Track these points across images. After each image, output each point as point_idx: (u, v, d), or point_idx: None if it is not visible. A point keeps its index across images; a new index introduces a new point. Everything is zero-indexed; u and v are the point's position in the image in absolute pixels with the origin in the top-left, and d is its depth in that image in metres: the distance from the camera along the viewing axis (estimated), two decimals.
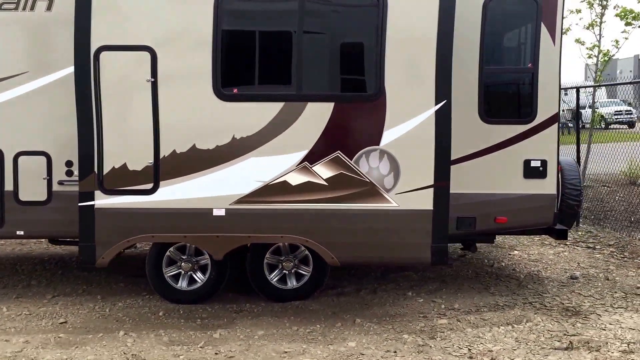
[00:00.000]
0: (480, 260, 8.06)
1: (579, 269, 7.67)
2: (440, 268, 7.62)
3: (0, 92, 5.95)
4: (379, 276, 7.33)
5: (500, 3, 6.16)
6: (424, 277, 7.31)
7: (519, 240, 9.12)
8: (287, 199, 5.48)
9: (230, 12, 5.46)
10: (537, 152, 6.21)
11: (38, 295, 6.66)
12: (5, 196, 6.09)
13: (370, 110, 5.44)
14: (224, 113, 5.43)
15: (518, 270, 7.60)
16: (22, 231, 6.08)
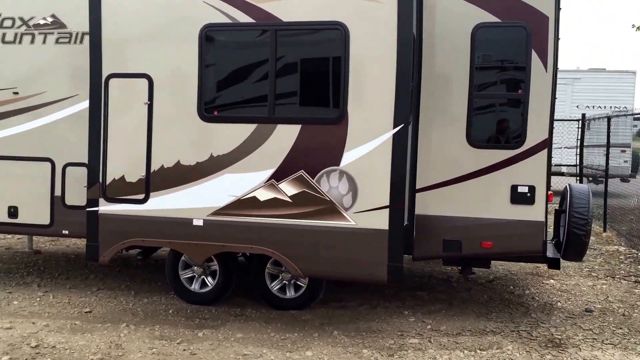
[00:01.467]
0: (504, 286, 7.96)
1: (604, 302, 7.33)
2: (455, 290, 7.67)
3: (56, 111, 7.08)
4: (390, 294, 7.54)
5: (489, 30, 6.24)
6: (433, 298, 7.42)
7: (564, 269, 8.80)
8: (256, 213, 6.00)
9: (211, 49, 6.13)
10: (525, 177, 6.19)
11: (87, 287, 7.71)
12: (55, 200, 7.20)
13: (332, 133, 5.82)
14: (205, 133, 6.09)
15: (537, 298, 7.44)
16: (67, 231, 7.13)
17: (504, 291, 7.70)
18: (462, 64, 6.28)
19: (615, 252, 10.09)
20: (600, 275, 8.61)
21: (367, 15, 5.64)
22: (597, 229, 12.05)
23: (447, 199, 6.42)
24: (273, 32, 5.85)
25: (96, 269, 8.48)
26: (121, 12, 6.19)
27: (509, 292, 7.70)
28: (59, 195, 7.15)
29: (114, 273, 8.37)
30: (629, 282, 8.33)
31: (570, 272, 8.80)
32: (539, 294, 7.68)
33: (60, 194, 7.13)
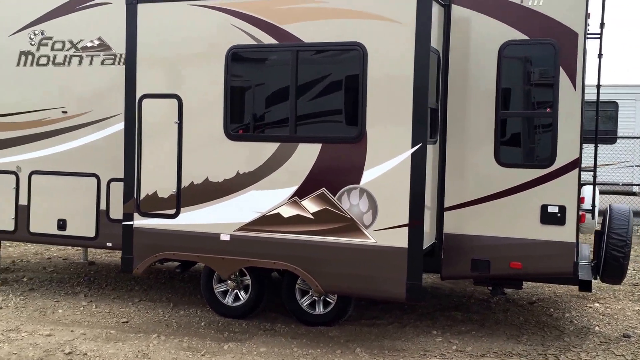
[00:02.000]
0: (545, 308, 7.79)
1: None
2: (491, 312, 7.56)
3: (101, 129, 7.45)
4: (424, 313, 7.52)
5: (517, 47, 6.20)
6: (467, 318, 7.35)
7: (613, 292, 8.53)
8: (280, 229, 6.13)
9: (237, 70, 6.33)
10: (555, 197, 6.09)
11: (130, 298, 8.02)
12: (100, 214, 7.56)
13: (352, 151, 5.90)
14: (231, 151, 6.28)
15: (575, 322, 7.25)
16: (111, 243, 7.46)
17: (542, 313, 7.54)
18: (489, 81, 6.25)
19: None
20: None
21: (385, 35, 5.71)
22: None
23: (475, 218, 6.38)
24: (294, 52, 6.00)
25: (142, 281, 8.79)
26: (154, 34, 6.47)
27: (548, 315, 7.53)
28: (103, 209, 7.48)
29: (158, 285, 8.66)
30: None
31: (620, 295, 8.52)
32: (578, 317, 7.47)
33: (105, 208, 7.47)
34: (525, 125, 6.38)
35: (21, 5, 7.73)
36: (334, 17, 5.90)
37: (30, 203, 7.76)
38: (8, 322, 6.96)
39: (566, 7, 6.02)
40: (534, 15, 6.13)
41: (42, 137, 7.70)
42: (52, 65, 7.62)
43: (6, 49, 7.79)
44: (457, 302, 8.00)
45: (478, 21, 6.30)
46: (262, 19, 6.10)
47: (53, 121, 7.63)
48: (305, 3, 5.98)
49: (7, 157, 7.80)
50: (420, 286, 5.73)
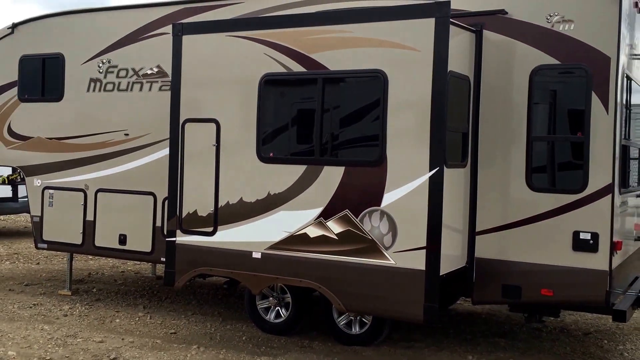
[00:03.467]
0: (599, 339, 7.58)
1: None
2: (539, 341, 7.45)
3: (158, 150, 7.99)
4: (466, 339, 7.49)
5: (548, 71, 6.17)
6: (510, 346, 7.26)
7: None
8: (306, 248, 6.36)
9: (269, 96, 6.64)
10: (587, 224, 6.00)
11: (184, 311, 8.47)
12: (156, 230, 8.08)
13: (373, 174, 6.05)
14: (263, 173, 6.59)
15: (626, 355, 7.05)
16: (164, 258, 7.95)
17: (593, 345, 7.33)
18: (520, 106, 6.25)
19: None
20: None
21: (404, 63, 5.85)
22: None
23: (507, 243, 6.36)
24: (321, 79, 6.24)
25: (199, 296, 9.24)
26: (196, 62, 6.90)
27: (598, 347, 7.30)
28: (159, 225, 7.98)
29: (213, 300, 9.07)
30: None
31: None
32: (631, 350, 7.21)
33: (160, 225, 7.96)
34: (557, 150, 6.30)
35: (91, 37, 8.42)
36: (357, 45, 6.10)
37: (96, 219, 8.39)
38: (69, 329, 7.55)
39: (597, 32, 5.94)
40: (565, 39, 6.08)
41: (107, 157, 8.33)
42: (117, 91, 8.25)
43: (78, 76, 8.50)
44: (506, 330, 7.89)
45: (509, 46, 6.31)
46: (292, 48, 6.39)
47: (116, 143, 8.23)
48: (331, 33, 6.22)
49: (77, 175, 8.48)
50: (437, 308, 5.78)
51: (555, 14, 6.09)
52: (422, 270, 5.82)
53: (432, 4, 5.82)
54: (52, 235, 8.74)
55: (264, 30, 6.53)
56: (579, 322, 8.27)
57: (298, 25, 6.38)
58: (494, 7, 6.33)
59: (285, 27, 6.44)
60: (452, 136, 6.17)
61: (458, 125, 6.31)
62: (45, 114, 8.75)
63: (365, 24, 6.08)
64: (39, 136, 8.81)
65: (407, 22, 5.87)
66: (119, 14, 8.33)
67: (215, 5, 7.67)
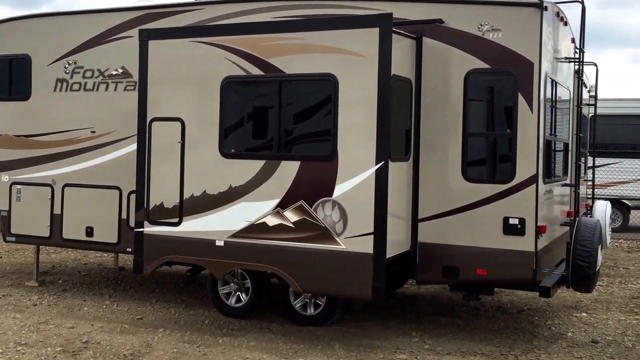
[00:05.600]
0: (531, 316, 8.32)
1: (619, 335, 7.54)
2: (476, 318, 8.16)
3: (123, 147, 8.47)
4: (411, 318, 8.19)
5: (480, 75, 6.91)
6: (450, 323, 7.97)
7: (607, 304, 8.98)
8: (266, 236, 6.98)
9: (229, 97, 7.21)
10: (515, 210, 6.74)
11: (148, 299, 8.96)
12: (121, 222, 8.57)
13: (326, 168, 6.70)
14: (225, 167, 7.18)
15: (553, 329, 7.75)
16: (131, 248, 8.45)
17: (525, 321, 8.07)
18: (456, 105, 6.97)
19: None
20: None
21: (353, 67, 6.51)
22: None
23: (446, 229, 7.07)
24: (278, 82, 6.87)
25: (162, 284, 9.76)
26: (162, 65, 7.43)
27: (530, 322, 8.06)
28: (124, 218, 8.48)
29: (176, 288, 9.60)
30: None
31: (613, 307, 8.91)
32: (559, 325, 7.97)
33: (126, 217, 8.46)
34: (489, 145, 7.05)
35: (58, 39, 8.85)
36: (310, 51, 6.74)
37: (63, 212, 8.84)
38: (40, 316, 8.00)
39: (522, 39, 6.70)
40: (495, 46, 6.82)
41: (74, 153, 8.78)
42: (83, 90, 8.71)
43: (45, 76, 8.93)
44: (447, 309, 8.62)
45: (446, 52, 7.02)
46: (251, 53, 7.00)
47: (83, 140, 8.70)
48: (287, 40, 6.85)
49: (44, 171, 8.92)
50: (384, 287, 6.47)
51: (486, 24, 6.84)
52: (370, 254, 6.51)
53: (377, 15, 6.52)
54: (20, 229, 9.15)
55: (225, 36, 7.12)
56: (514, 301, 9.08)
57: (257, 32, 6.99)
58: (432, 16, 7.05)
59: (245, 33, 7.03)
60: (396, 133, 6.87)
61: (401, 123, 7.00)
62: (13, 112, 9.16)
63: (318, 32, 6.73)
64: (7, 134, 9.20)
65: (355, 31, 6.54)
66: (85, 18, 8.79)
67: (176, 10, 8.22)
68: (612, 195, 15.44)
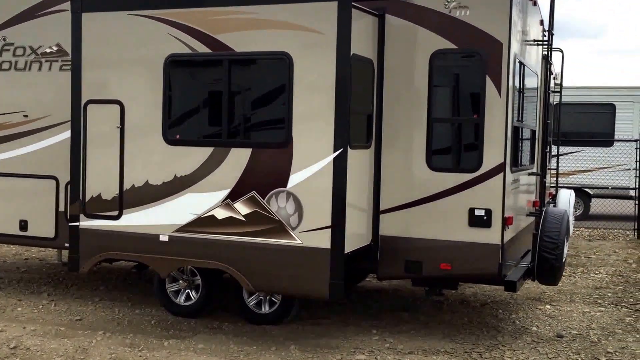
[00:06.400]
0: (494, 310, 7.96)
1: (584, 329, 7.25)
2: (440, 313, 7.74)
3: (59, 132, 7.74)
4: (373, 313, 7.72)
5: (446, 56, 6.40)
6: (413, 319, 7.53)
7: (571, 295, 8.65)
8: (214, 230, 6.39)
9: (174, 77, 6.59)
10: (481, 201, 6.29)
11: (91, 297, 8.26)
12: (59, 215, 7.86)
13: (280, 156, 6.14)
14: (170, 155, 6.55)
15: (517, 323, 7.43)
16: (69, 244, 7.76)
17: (489, 315, 7.71)
18: (421, 88, 6.46)
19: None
20: (604, 303, 8.42)
21: (309, 45, 5.95)
22: None
23: (409, 221, 6.59)
24: (227, 61, 6.25)
25: (108, 281, 9.09)
26: (97, 41, 6.76)
27: (494, 316, 7.70)
28: (62, 210, 7.77)
29: (123, 285, 8.94)
30: (630, 310, 8.12)
31: (577, 298, 8.67)
32: (523, 318, 7.63)
33: (63, 210, 7.76)
34: (455, 131, 6.58)
35: None
36: (262, 27, 6.15)
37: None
38: None
39: (490, 18, 6.22)
40: (462, 25, 6.33)
41: (5, 140, 8.02)
42: (14, 70, 7.95)
43: None
44: (410, 303, 8.18)
45: (410, 31, 6.50)
46: (197, 28, 6.37)
47: (14, 125, 7.94)
48: (237, 14, 6.24)
49: None
50: (342, 285, 5.95)
51: (453, 0, 6.32)
52: (327, 249, 5.98)
53: None
54: None
55: (167, 9, 6.47)
56: (478, 294, 8.69)
57: (203, 5, 6.36)
58: None
59: (190, 6, 6.40)
60: (357, 118, 6.33)
61: (362, 107, 6.47)
62: None
63: (270, 5, 6.14)
64: None
65: (311, 5, 5.97)
66: None
67: None
68: (574, 183, 15.25)
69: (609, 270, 10.49)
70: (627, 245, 13.10)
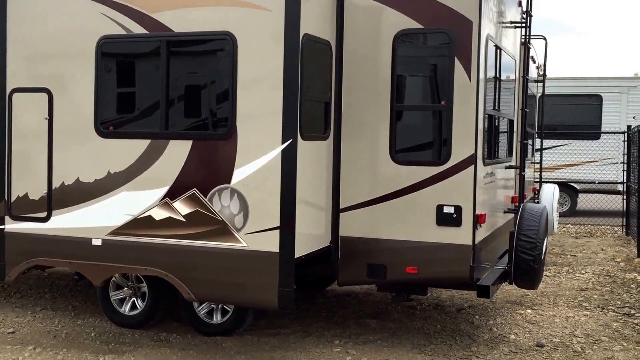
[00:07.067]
0: (471, 315, 7.35)
1: (567, 336, 6.65)
2: (411, 319, 7.14)
3: None
4: (338, 322, 7.08)
5: (411, 36, 5.74)
6: (381, 326, 6.92)
7: (553, 298, 8.06)
8: (151, 233, 5.71)
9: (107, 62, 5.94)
10: (450, 197, 5.67)
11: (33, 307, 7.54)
12: None
13: (222, 149, 5.47)
14: (102, 149, 5.87)
15: (494, 330, 6.83)
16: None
17: (464, 321, 7.09)
18: (384, 73, 5.81)
19: (630, 281, 9.16)
20: (590, 306, 7.80)
21: (254, 24, 5.29)
22: (631, 254, 11.00)
23: (371, 220, 5.96)
24: (164, 43, 5.58)
25: (55, 288, 8.39)
26: (23, 23, 6.07)
27: (469, 323, 7.07)
28: None
29: (71, 293, 8.24)
30: (617, 314, 7.51)
31: (561, 301, 8.05)
32: (501, 325, 7.01)
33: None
34: (421, 120, 5.95)
35: None
36: (203, 5, 5.50)
37: None
38: None
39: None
40: (428, 2, 5.70)
41: None
42: None
43: None
44: (380, 310, 7.54)
45: (372, 9, 5.86)
46: (132, 7, 5.69)
47: None
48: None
49: None
50: (292, 293, 5.29)
51: None
52: (276, 253, 5.33)
53: None
54: None
55: None
56: (454, 298, 8.06)
57: None
58: None
59: None
60: (311, 106, 5.67)
61: (318, 94, 5.80)
62: None
63: None
64: None
65: None
66: None
67: None
68: (560, 178, 14.67)
69: (595, 269, 9.89)
70: (615, 243, 12.51)
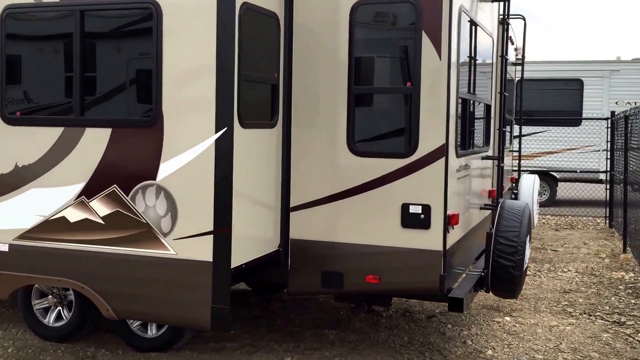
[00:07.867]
0: (443, 324, 6.59)
1: (551, 351, 5.92)
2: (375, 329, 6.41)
3: None
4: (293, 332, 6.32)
5: (372, 7, 4.92)
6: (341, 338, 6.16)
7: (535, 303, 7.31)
8: (65, 237, 4.91)
9: (12, 38, 5.13)
10: (417, 194, 4.89)
11: None
12: None
13: (146, 138, 4.66)
14: (9, 138, 5.03)
15: (469, 342, 6.10)
16: None
17: (435, 331, 6.34)
18: (340, 51, 5.01)
19: (618, 281, 8.44)
20: (575, 312, 7.07)
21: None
22: (616, 249, 10.32)
23: (326, 220, 5.17)
24: (79, 12, 4.73)
25: None
26: None
27: (441, 333, 6.32)
28: None
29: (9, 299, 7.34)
30: (606, 322, 6.78)
31: (542, 306, 7.32)
32: (477, 336, 6.26)
33: None
34: (383, 105, 5.14)
35: None
36: None
37: None
38: None
39: None
40: None
41: None
42: None
43: None
44: (341, 318, 6.76)
45: None
46: None
47: None
48: None
49: None
50: (227, 311, 4.48)
51: None
52: (209, 262, 4.53)
53: None
54: None
55: None
56: (425, 303, 7.27)
57: None
58: None
59: None
60: (253, 88, 4.85)
61: (261, 74, 4.98)
62: None
63: None
64: None
65: None
66: None
67: None
68: (539, 167, 14.01)
69: (579, 267, 9.18)
70: (598, 236, 11.84)
